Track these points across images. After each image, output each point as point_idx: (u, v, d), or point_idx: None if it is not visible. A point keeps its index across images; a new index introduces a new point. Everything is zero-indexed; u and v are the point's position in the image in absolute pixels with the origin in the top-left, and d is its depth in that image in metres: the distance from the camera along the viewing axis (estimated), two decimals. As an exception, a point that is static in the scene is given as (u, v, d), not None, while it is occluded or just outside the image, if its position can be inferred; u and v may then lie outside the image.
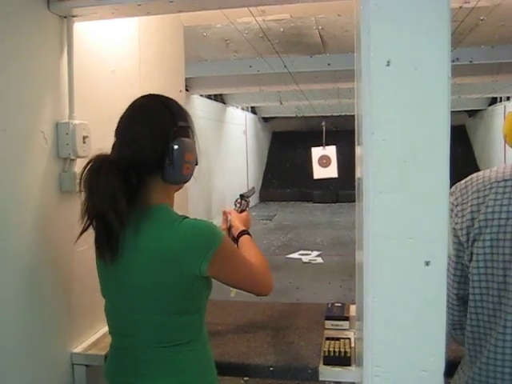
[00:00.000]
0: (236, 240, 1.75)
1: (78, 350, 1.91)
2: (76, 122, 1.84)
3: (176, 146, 1.40)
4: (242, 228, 1.78)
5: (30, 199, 1.68)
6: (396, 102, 0.84)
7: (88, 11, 1.82)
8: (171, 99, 1.51)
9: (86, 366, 1.89)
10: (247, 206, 1.95)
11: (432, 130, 0.84)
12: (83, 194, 1.37)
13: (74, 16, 1.85)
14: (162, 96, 1.51)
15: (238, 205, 1.91)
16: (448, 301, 1.32)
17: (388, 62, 0.83)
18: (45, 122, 1.76)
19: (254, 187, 2.17)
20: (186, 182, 1.51)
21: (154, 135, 1.41)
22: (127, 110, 1.47)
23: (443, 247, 0.85)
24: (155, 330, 1.39)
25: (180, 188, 1.53)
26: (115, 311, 1.47)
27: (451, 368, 1.40)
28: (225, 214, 1.87)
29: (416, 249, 0.85)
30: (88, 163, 1.36)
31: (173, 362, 1.40)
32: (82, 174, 1.36)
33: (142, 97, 1.50)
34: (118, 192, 1.33)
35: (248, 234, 1.77)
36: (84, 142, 1.87)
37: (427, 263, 0.85)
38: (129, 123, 1.44)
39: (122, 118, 1.47)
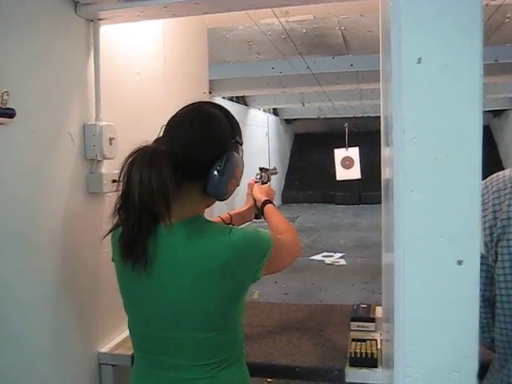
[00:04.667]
0: (261, 211, 1.80)
1: (104, 349, 1.93)
2: (103, 123, 1.86)
3: (230, 158, 1.35)
4: (264, 198, 1.81)
5: (57, 200, 1.70)
6: (427, 100, 0.83)
7: (114, 14, 1.84)
8: (230, 112, 1.46)
9: (113, 365, 1.91)
10: (268, 179, 1.98)
11: (464, 128, 0.82)
12: (122, 186, 1.27)
13: (100, 19, 1.87)
14: (222, 106, 1.46)
15: (258, 176, 1.96)
16: None
17: (419, 59, 0.82)
18: (72, 123, 1.78)
19: (275, 167, 2.17)
20: (223, 199, 1.41)
21: (211, 140, 1.35)
22: (185, 111, 1.39)
23: (476, 246, 0.84)
24: (200, 347, 1.32)
25: (211, 205, 1.45)
26: (149, 329, 1.36)
27: (483, 370, 1.38)
28: (250, 185, 1.91)
29: (448, 248, 0.84)
30: (132, 153, 1.26)
31: (215, 381, 1.33)
32: (124, 164, 1.26)
33: (201, 102, 1.44)
34: (171, 183, 1.23)
35: (271, 202, 1.80)
36: (110, 144, 1.89)
37: (459, 262, 0.84)
38: (187, 123, 1.35)
39: (176, 117, 1.39)
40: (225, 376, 1.35)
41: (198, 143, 1.33)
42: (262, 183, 1.95)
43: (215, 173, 1.33)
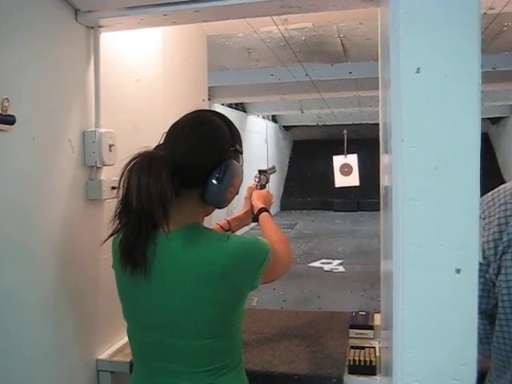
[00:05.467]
0: (256, 217, 1.79)
1: (103, 356, 1.92)
2: (102, 130, 1.86)
3: (229, 166, 1.35)
4: (260, 205, 1.81)
5: (56, 207, 1.70)
6: (426, 109, 0.84)
7: (114, 21, 1.85)
8: (230, 120, 1.47)
9: (111, 372, 1.90)
10: (267, 181, 1.98)
11: (462, 136, 0.83)
12: (122, 191, 1.28)
13: (100, 26, 1.88)
14: (223, 114, 1.46)
15: (257, 179, 1.95)
16: None
17: (418, 69, 0.83)
18: (72, 130, 1.78)
19: (274, 165, 2.15)
20: (222, 207, 1.42)
21: (210, 148, 1.35)
22: (186, 119, 1.39)
23: (474, 254, 0.84)
24: (198, 354, 1.32)
25: (210, 213, 1.46)
26: (148, 336, 1.36)
27: (481, 378, 1.37)
28: (249, 189, 1.91)
29: (446, 256, 0.85)
30: (132, 159, 1.27)
31: None
32: (123, 170, 1.27)
33: (203, 110, 1.45)
34: (169, 188, 1.24)
35: (267, 210, 1.80)
36: (110, 151, 1.89)
37: (458, 271, 0.84)
38: (187, 131, 1.36)
39: (177, 125, 1.39)
40: (223, 382, 1.34)
41: (197, 150, 1.34)
42: (261, 186, 1.94)
43: (214, 180, 1.33)
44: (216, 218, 1.93)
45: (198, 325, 1.30)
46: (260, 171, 1.98)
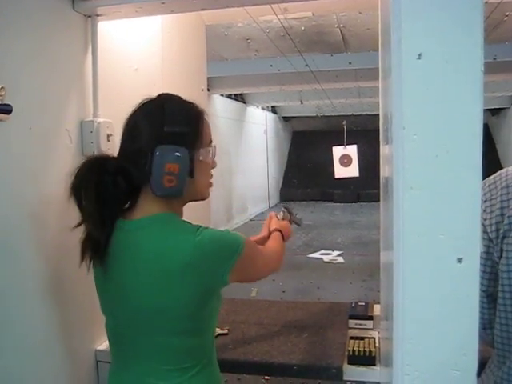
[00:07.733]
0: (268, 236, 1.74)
1: (102, 347, 1.92)
2: (100, 120, 1.85)
3: (156, 154, 1.24)
4: (276, 228, 1.73)
5: (54, 197, 1.69)
6: (427, 96, 0.82)
7: (112, 10, 1.83)
8: (175, 99, 1.39)
9: (110, 363, 1.90)
10: (289, 220, 1.91)
11: (464, 124, 0.82)
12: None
13: (98, 15, 1.86)
14: (168, 95, 1.40)
15: (281, 213, 1.90)
16: None
17: (419, 55, 0.81)
18: (70, 120, 1.77)
19: (301, 219, 2.02)
20: (177, 196, 1.30)
21: (140, 138, 1.28)
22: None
23: (476, 244, 0.83)
24: (165, 351, 1.27)
25: (185, 202, 1.37)
26: (120, 330, 1.35)
27: (481, 367, 1.37)
28: (270, 217, 1.84)
29: (448, 245, 0.83)
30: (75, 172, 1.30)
31: None
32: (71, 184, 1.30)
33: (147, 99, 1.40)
34: (101, 192, 1.24)
35: (281, 233, 1.72)
36: (108, 140, 1.88)
37: (459, 260, 0.83)
38: (124, 125, 1.36)
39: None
40: (195, 381, 1.29)
41: (129, 144, 1.32)
42: (282, 219, 1.87)
43: (149, 171, 1.25)
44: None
45: (163, 320, 1.25)
46: (286, 208, 1.94)
